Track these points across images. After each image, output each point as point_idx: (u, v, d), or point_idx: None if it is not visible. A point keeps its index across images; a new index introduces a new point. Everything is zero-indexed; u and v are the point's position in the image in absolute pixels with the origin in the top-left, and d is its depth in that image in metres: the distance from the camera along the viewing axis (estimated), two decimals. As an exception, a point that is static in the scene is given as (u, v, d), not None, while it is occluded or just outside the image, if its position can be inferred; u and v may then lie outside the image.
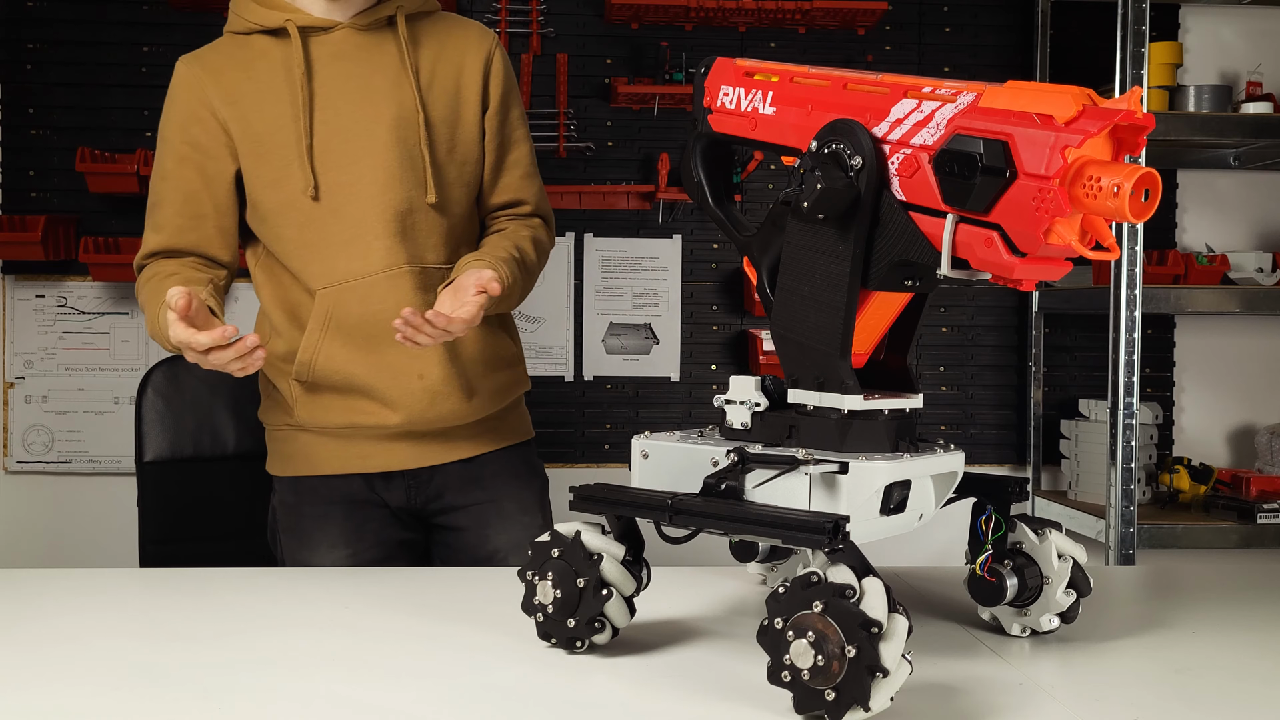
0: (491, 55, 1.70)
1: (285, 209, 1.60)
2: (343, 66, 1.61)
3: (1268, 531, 2.77)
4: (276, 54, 1.61)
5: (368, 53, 1.62)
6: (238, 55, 1.63)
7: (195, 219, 1.62)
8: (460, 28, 1.71)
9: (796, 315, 1.08)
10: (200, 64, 1.64)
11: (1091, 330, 3.21)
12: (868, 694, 0.87)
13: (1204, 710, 1.00)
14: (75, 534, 3.01)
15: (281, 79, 1.60)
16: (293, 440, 1.69)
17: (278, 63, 1.61)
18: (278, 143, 1.59)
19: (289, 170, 1.59)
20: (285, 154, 1.59)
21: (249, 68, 1.62)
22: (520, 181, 1.74)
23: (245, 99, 1.60)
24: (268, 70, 1.61)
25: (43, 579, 1.44)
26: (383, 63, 1.63)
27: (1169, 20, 3.22)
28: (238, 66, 1.62)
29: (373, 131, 1.60)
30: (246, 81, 1.61)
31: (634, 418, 3.13)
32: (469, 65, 1.68)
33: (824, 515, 0.95)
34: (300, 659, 1.11)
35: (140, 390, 2.10)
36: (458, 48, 1.68)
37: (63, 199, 3.00)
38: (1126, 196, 0.88)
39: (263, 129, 1.60)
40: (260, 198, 1.62)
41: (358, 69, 1.62)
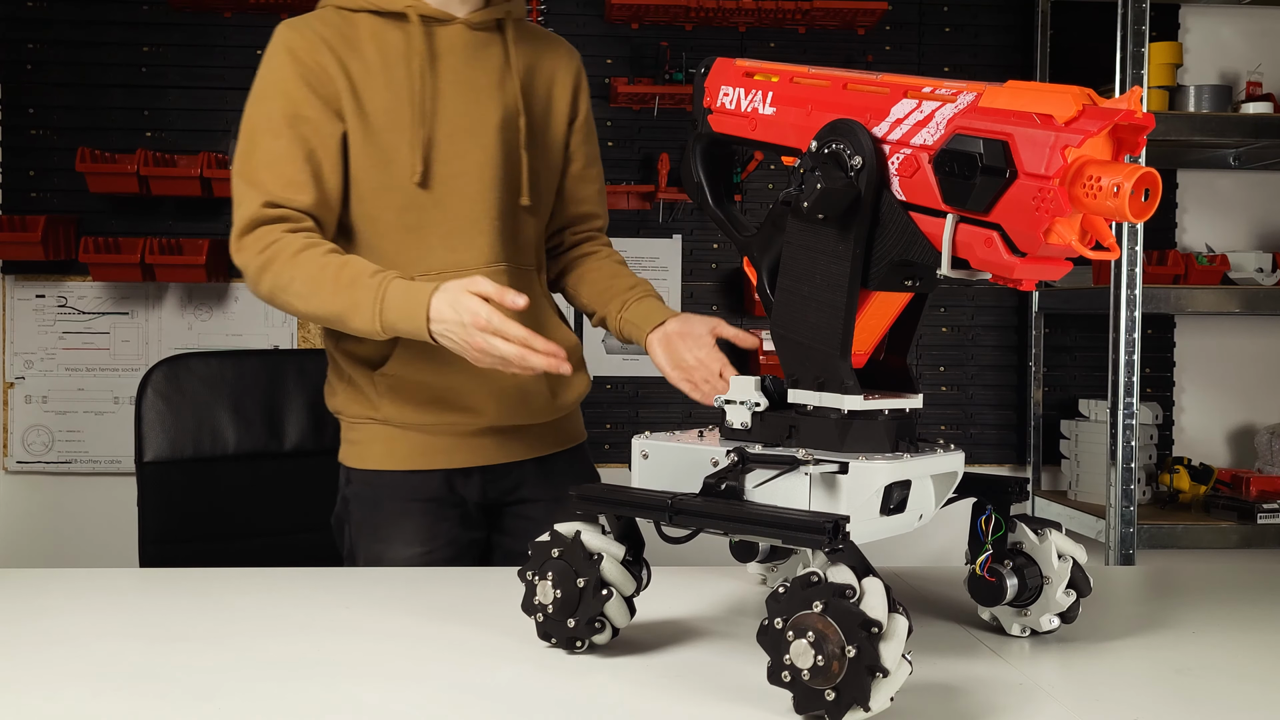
0: (581, 72, 1.79)
1: (386, 190, 1.61)
2: (453, 61, 1.64)
3: (1268, 531, 2.77)
4: (389, 37, 1.61)
5: (475, 51, 1.65)
6: (345, 31, 1.61)
7: (316, 179, 1.58)
8: (553, 42, 1.78)
9: (796, 315, 1.08)
10: (310, 30, 1.60)
11: (1091, 330, 3.21)
12: (868, 694, 0.87)
13: (1204, 710, 1.00)
14: (75, 534, 3.01)
15: (395, 62, 1.60)
16: (374, 434, 1.68)
17: (389, 46, 1.61)
18: (385, 125, 1.59)
19: (397, 153, 1.60)
20: (393, 137, 1.60)
21: (357, 46, 1.61)
22: (598, 196, 1.83)
23: (356, 75, 1.60)
24: (378, 51, 1.60)
25: (42, 579, 1.44)
26: (489, 64, 1.66)
27: (1169, 20, 3.22)
28: (346, 43, 1.60)
29: (480, 129, 1.63)
30: (356, 60, 1.60)
31: (634, 418, 3.13)
32: (561, 78, 1.75)
33: (824, 515, 0.95)
34: (300, 659, 1.11)
35: (140, 390, 2.09)
36: (552, 59, 1.74)
37: (63, 199, 3.00)
38: (1126, 196, 0.88)
39: (371, 109, 1.60)
40: (362, 175, 1.61)
41: (466, 66, 1.64)
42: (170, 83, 3.02)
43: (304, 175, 1.56)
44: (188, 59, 3.02)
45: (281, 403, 2.16)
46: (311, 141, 1.57)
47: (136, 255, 2.86)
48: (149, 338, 3.05)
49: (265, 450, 2.13)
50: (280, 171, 1.55)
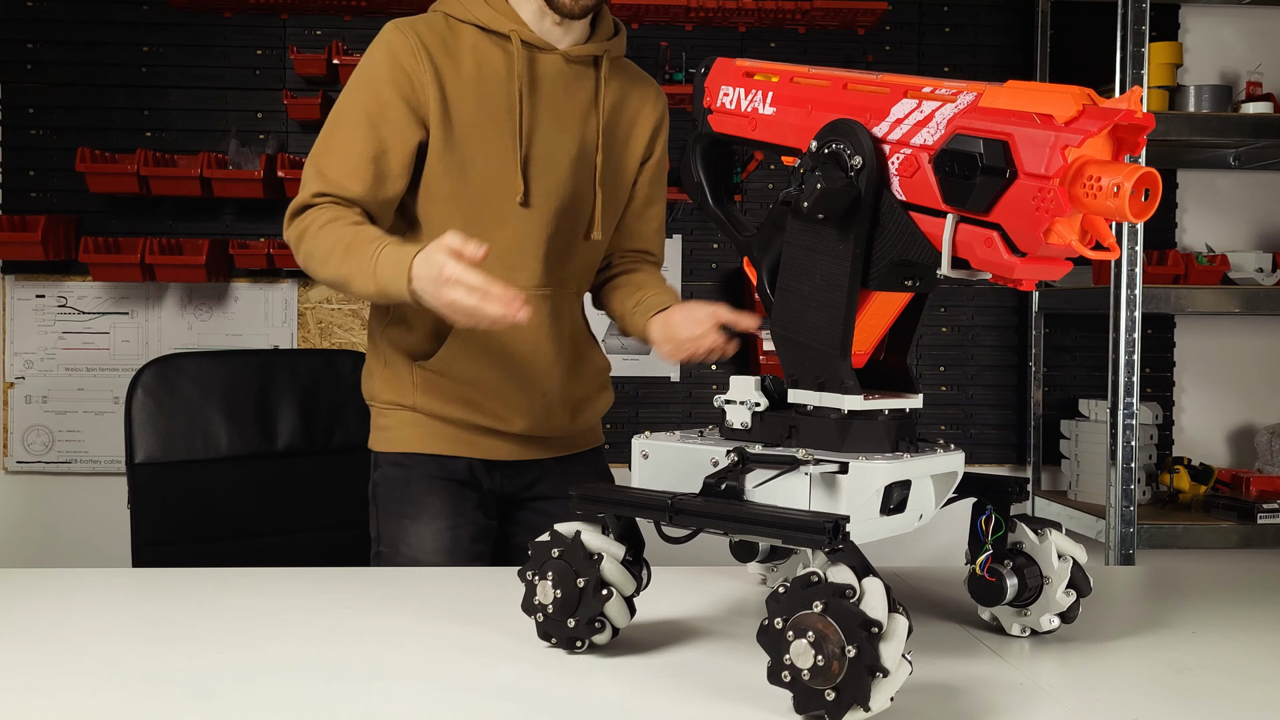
0: (664, 116, 1.84)
1: (456, 199, 1.66)
2: (545, 89, 1.69)
3: (1268, 531, 2.77)
4: (489, 53, 1.66)
5: (568, 83, 1.70)
6: (449, 40, 1.67)
7: (378, 178, 1.63)
8: (645, 83, 1.83)
9: (796, 315, 1.08)
10: (414, 33, 1.65)
11: (1091, 330, 3.21)
12: (868, 694, 0.87)
13: (1204, 710, 1.00)
14: (75, 534, 3.01)
15: (489, 78, 1.66)
16: (405, 419, 1.76)
17: (488, 62, 1.66)
18: (469, 138, 1.65)
19: (474, 165, 1.65)
20: (474, 151, 1.65)
21: (457, 56, 1.66)
22: (655, 235, 1.90)
23: (449, 85, 1.64)
24: (475, 65, 1.66)
25: (42, 579, 1.44)
26: (578, 97, 1.71)
27: (1169, 20, 3.22)
28: (447, 51, 1.65)
29: (556, 159, 1.69)
30: (452, 69, 1.65)
31: (634, 418, 3.13)
32: (643, 119, 1.80)
33: (824, 515, 0.95)
34: (299, 659, 1.11)
35: (130, 391, 2.08)
36: (639, 99, 1.80)
37: (63, 199, 3.00)
38: (1126, 196, 0.88)
39: (458, 118, 1.64)
40: (436, 181, 1.67)
41: (556, 96, 1.69)
42: (170, 83, 3.02)
43: (367, 171, 1.61)
44: (188, 59, 3.02)
45: (273, 403, 2.16)
46: (387, 142, 1.62)
47: (136, 255, 2.86)
48: (149, 338, 3.04)
49: (258, 451, 2.12)
50: (345, 163, 1.61)
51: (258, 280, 3.05)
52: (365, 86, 1.64)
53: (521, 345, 1.71)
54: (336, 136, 1.64)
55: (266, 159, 2.87)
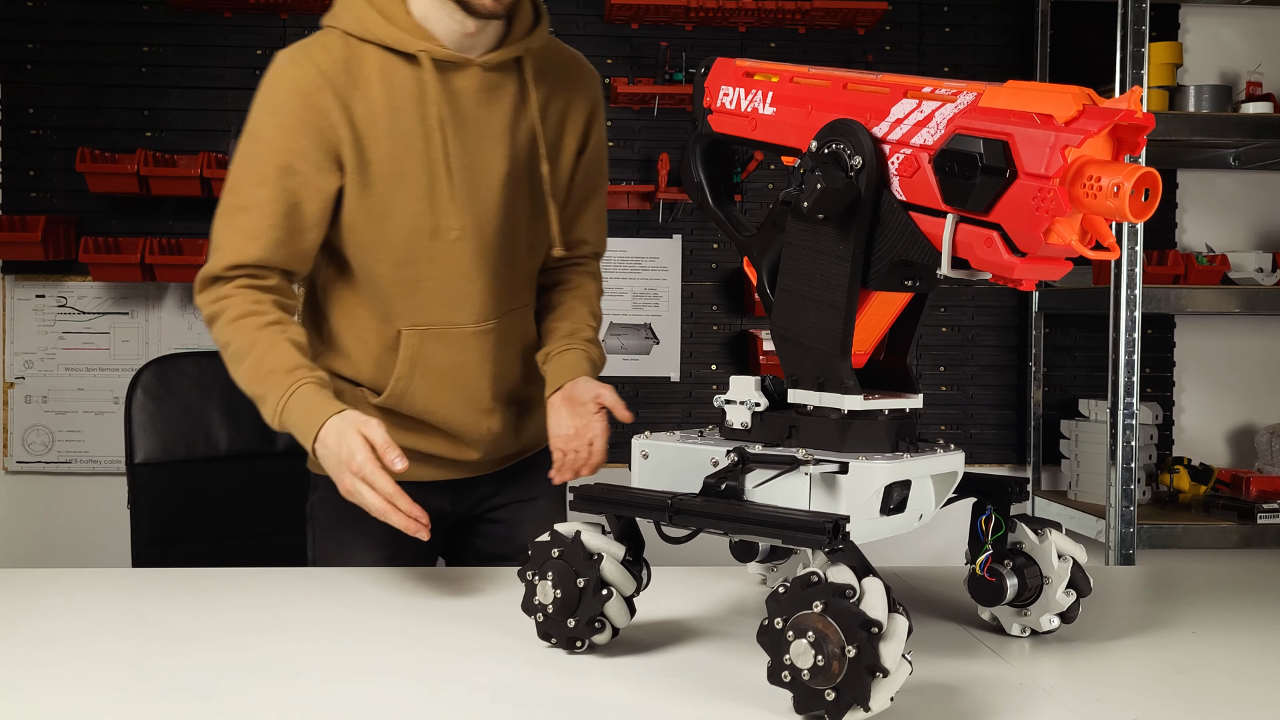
0: (598, 101, 1.69)
1: (382, 245, 1.54)
2: (465, 109, 1.53)
3: (1268, 531, 2.77)
4: (397, 77, 1.50)
5: (489, 96, 1.55)
6: (351, 63, 1.50)
7: (293, 234, 1.51)
8: (572, 71, 1.66)
9: (796, 315, 1.08)
10: (313, 65, 1.49)
11: (1091, 330, 3.21)
12: (868, 694, 0.87)
13: (1204, 710, 1.00)
14: (75, 534, 3.01)
15: (403, 106, 1.51)
16: None
17: (398, 87, 1.50)
18: (386, 176, 1.51)
19: (396, 205, 1.52)
20: (393, 189, 1.52)
21: (363, 84, 1.50)
22: (592, 224, 1.75)
23: (359, 116, 1.50)
24: (385, 92, 1.50)
25: (42, 579, 1.44)
26: (503, 107, 1.56)
27: (1169, 20, 3.22)
28: (351, 76, 1.50)
29: (486, 182, 1.55)
30: (360, 98, 1.50)
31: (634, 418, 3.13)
32: (575, 110, 1.65)
33: (824, 515, 0.95)
34: (299, 659, 1.11)
35: (129, 391, 2.08)
36: (568, 92, 1.65)
37: (63, 199, 3.00)
38: (1126, 196, 0.88)
39: (374, 158, 1.51)
40: (358, 227, 1.55)
41: (478, 114, 1.54)
42: (170, 83, 3.02)
43: (280, 231, 1.50)
44: (188, 59, 3.02)
45: (274, 403, 2.15)
46: (299, 195, 1.50)
47: (136, 255, 2.86)
48: (149, 338, 3.04)
49: (257, 451, 2.12)
50: (254, 225, 1.50)
51: (258, 280, 3.05)
52: (266, 134, 1.50)
53: (466, 375, 1.61)
54: (244, 192, 1.51)
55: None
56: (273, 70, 1.52)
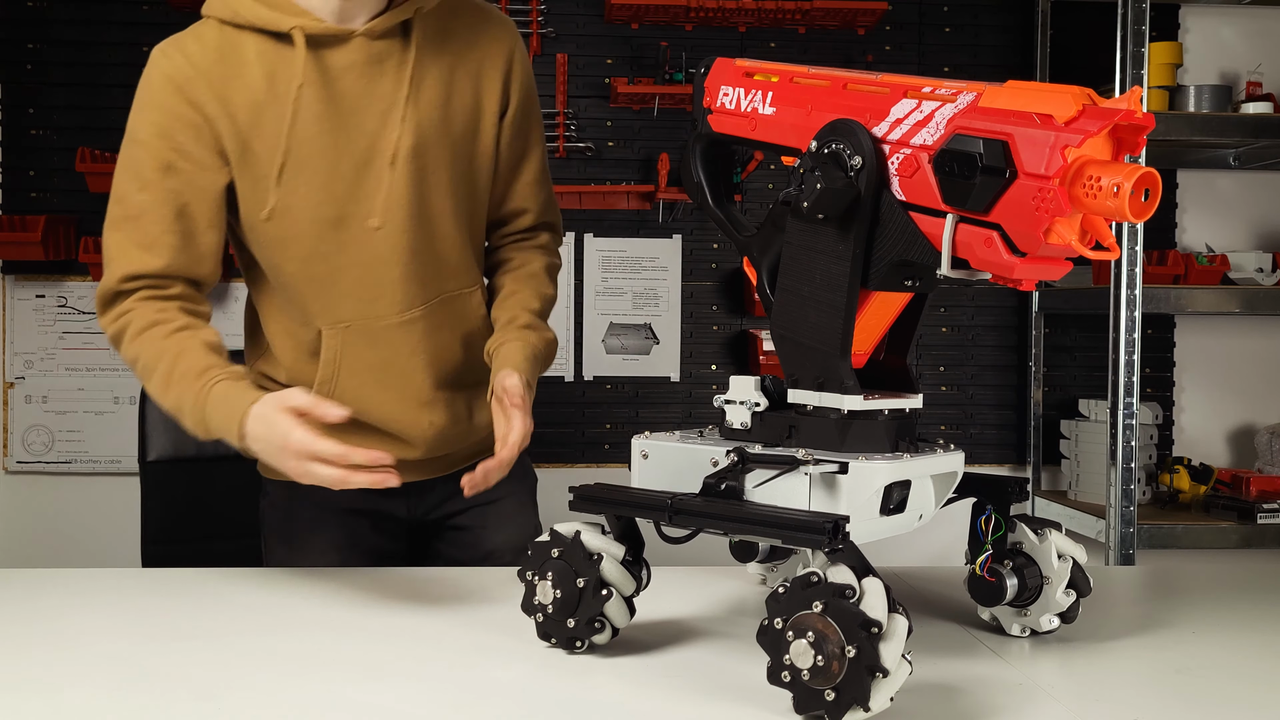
0: (514, 54, 1.55)
1: (285, 240, 1.46)
2: (353, 81, 1.44)
3: (1268, 531, 2.77)
4: (275, 61, 1.42)
5: (381, 65, 1.44)
6: (227, 52, 1.42)
7: (187, 237, 1.43)
8: (481, 22, 1.53)
9: (796, 315, 1.08)
10: (185, 56, 1.41)
11: (1091, 330, 3.21)
12: (868, 694, 0.87)
13: (1204, 710, 1.00)
14: (75, 534, 3.01)
15: (282, 90, 1.42)
16: None
17: (277, 70, 1.42)
18: (273, 162, 1.43)
19: (292, 197, 1.44)
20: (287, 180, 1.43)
21: (241, 70, 1.42)
22: (528, 189, 1.63)
23: (238, 107, 1.41)
24: (265, 78, 1.42)
25: (42, 579, 1.44)
26: (399, 75, 1.45)
27: (1169, 20, 3.22)
28: (227, 66, 1.42)
29: (387, 157, 1.45)
30: (240, 87, 1.42)
31: (634, 418, 3.13)
32: (489, 69, 1.53)
33: (824, 515, 0.95)
34: (300, 659, 1.11)
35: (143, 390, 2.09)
36: (478, 48, 1.52)
37: (63, 199, 3.00)
38: (1126, 196, 0.88)
39: (260, 147, 1.42)
40: (257, 224, 1.47)
41: (369, 84, 1.44)
42: (170, 83, 3.02)
43: (173, 236, 1.42)
44: (188, 59, 3.02)
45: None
46: (185, 195, 1.42)
47: (136, 255, 2.86)
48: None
49: None
50: (147, 233, 1.41)
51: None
52: (141, 135, 1.42)
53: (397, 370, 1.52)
54: (128, 200, 1.42)
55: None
56: (147, 67, 1.44)
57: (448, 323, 1.56)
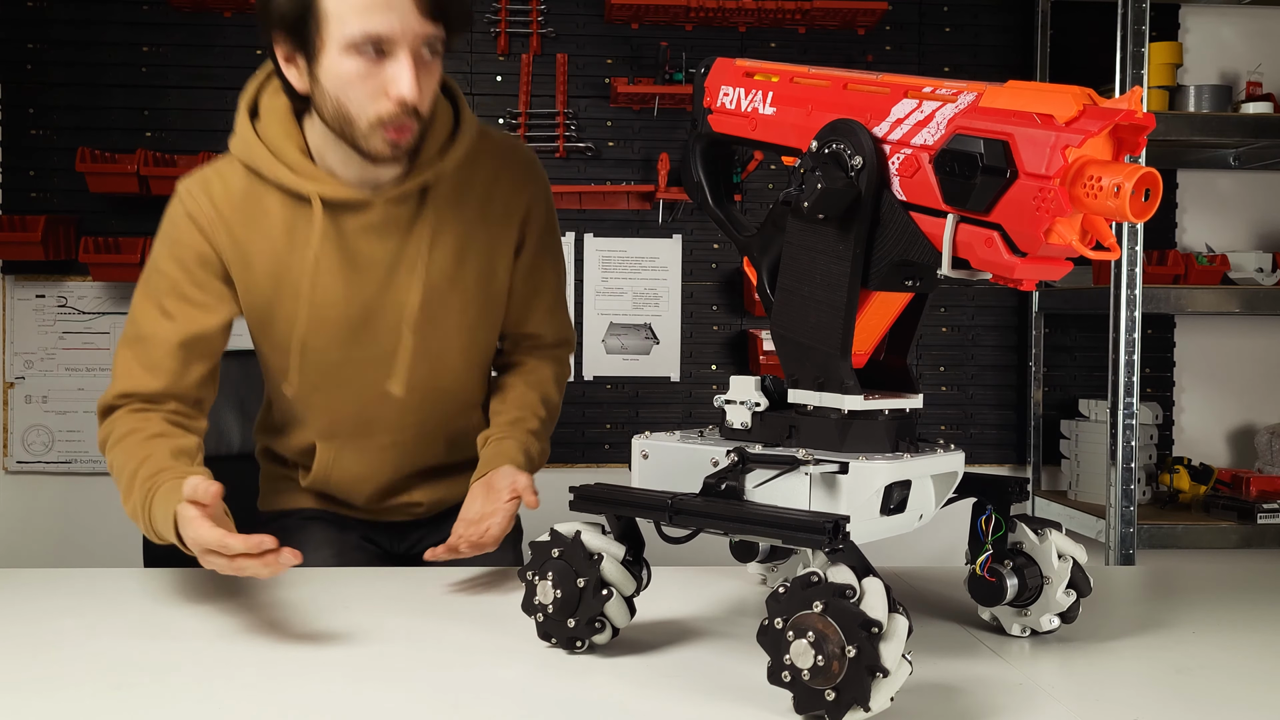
0: (534, 199, 1.60)
1: (292, 373, 1.55)
2: (370, 242, 1.48)
3: (1268, 531, 2.77)
4: (294, 215, 1.47)
5: (395, 227, 1.48)
6: (250, 201, 1.47)
7: (188, 364, 1.47)
8: (502, 168, 1.57)
9: (796, 315, 1.08)
10: (209, 199, 1.47)
11: (1091, 330, 3.21)
12: (868, 694, 0.87)
13: (1204, 710, 1.00)
14: (75, 534, 3.01)
15: (299, 244, 1.47)
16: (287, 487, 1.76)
17: (295, 225, 1.47)
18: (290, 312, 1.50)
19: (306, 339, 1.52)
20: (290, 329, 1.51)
21: (261, 220, 1.47)
22: (543, 316, 1.67)
23: (255, 255, 1.47)
24: (284, 230, 1.47)
25: (42, 579, 1.44)
26: (417, 231, 1.49)
27: (1169, 20, 3.22)
28: (249, 214, 1.47)
29: (397, 312, 1.51)
30: (259, 236, 1.47)
31: (634, 418, 3.13)
32: (506, 218, 1.57)
33: (824, 515, 0.95)
34: (300, 659, 1.11)
35: None
36: (496, 200, 1.56)
37: (63, 199, 3.00)
38: (1127, 196, 0.88)
39: (276, 295, 1.49)
40: (267, 355, 1.58)
41: (385, 244, 1.49)
42: (170, 83, 3.02)
43: (174, 362, 1.46)
44: (188, 59, 3.02)
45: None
46: (192, 327, 1.47)
47: (136, 255, 2.86)
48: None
49: None
50: (151, 356, 1.46)
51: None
52: (163, 265, 1.48)
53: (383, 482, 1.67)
54: (141, 322, 1.48)
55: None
56: (172, 200, 1.51)
57: (441, 434, 1.66)
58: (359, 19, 1.30)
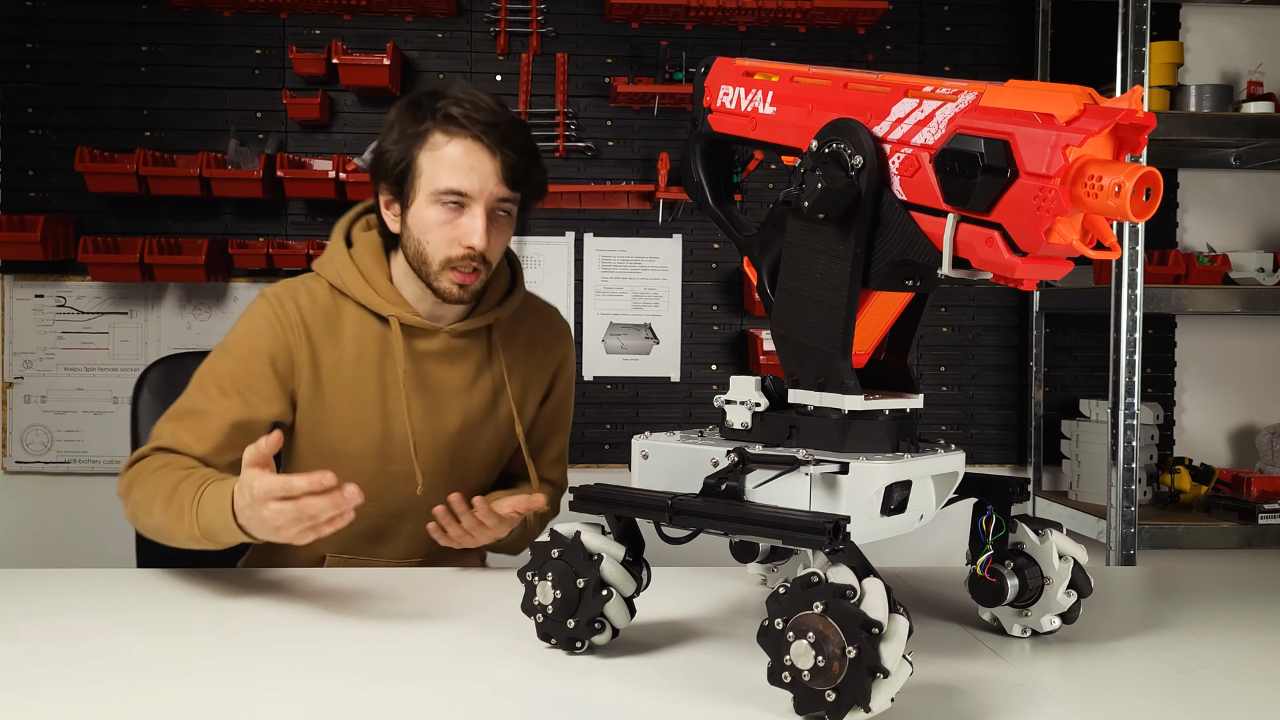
0: (566, 356, 1.82)
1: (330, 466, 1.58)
2: (430, 366, 1.66)
3: (1268, 532, 2.77)
4: (369, 331, 1.64)
5: (454, 357, 1.67)
6: (330, 312, 1.64)
7: (232, 448, 1.55)
8: (544, 328, 1.79)
9: (797, 315, 1.07)
10: (296, 308, 1.63)
11: (1092, 330, 3.21)
12: (868, 694, 0.87)
13: (1204, 710, 1.00)
14: (74, 534, 3.01)
15: (369, 359, 1.63)
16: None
17: (368, 341, 1.64)
18: (344, 418, 1.63)
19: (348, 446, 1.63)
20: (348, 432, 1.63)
21: (337, 332, 1.63)
22: (553, 464, 1.85)
23: (325, 364, 1.62)
24: (355, 343, 1.63)
25: (42, 579, 1.44)
26: (467, 366, 1.69)
27: (1170, 20, 3.22)
28: (327, 327, 1.63)
29: (439, 433, 1.67)
30: (331, 346, 1.63)
31: (634, 418, 3.13)
32: (542, 366, 1.78)
33: (824, 516, 0.95)
34: (300, 659, 1.11)
35: (136, 390, 2.08)
36: (536, 351, 1.77)
37: (62, 199, 2.99)
38: (1128, 196, 0.87)
39: (334, 401, 1.62)
40: (308, 460, 1.65)
41: (442, 370, 1.67)
42: (170, 82, 3.02)
43: (223, 439, 1.55)
44: (187, 59, 3.02)
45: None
46: (248, 415, 1.57)
47: (135, 255, 2.86)
48: (148, 338, 3.04)
49: None
50: (204, 428, 1.55)
51: (257, 280, 3.05)
52: (240, 353, 1.60)
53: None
54: (201, 398, 1.58)
55: (266, 159, 2.87)
56: (258, 299, 1.65)
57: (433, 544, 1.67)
58: (447, 176, 1.55)
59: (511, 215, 1.62)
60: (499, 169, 1.55)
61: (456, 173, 1.54)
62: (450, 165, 1.54)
